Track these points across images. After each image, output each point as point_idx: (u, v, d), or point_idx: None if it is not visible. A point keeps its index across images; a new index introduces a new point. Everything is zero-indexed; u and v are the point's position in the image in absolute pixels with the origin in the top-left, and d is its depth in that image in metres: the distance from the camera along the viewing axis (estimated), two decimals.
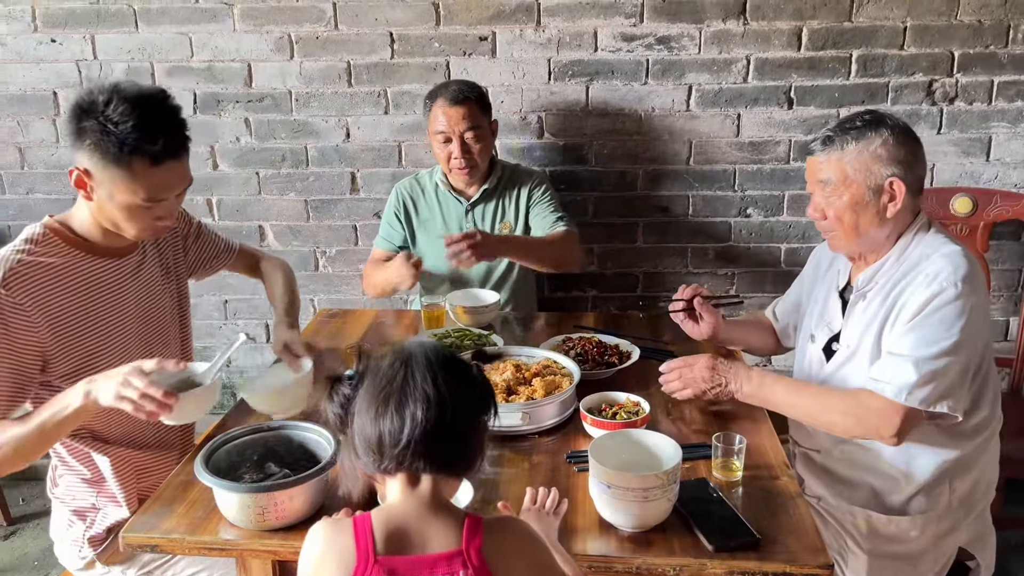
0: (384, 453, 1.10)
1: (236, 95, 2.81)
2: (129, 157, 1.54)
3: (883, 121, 1.70)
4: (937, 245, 1.69)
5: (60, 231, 1.69)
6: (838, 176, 1.71)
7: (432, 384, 1.10)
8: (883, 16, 2.64)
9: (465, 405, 1.13)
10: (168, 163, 1.58)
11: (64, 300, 1.66)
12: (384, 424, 1.09)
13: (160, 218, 1.66)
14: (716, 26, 2.67)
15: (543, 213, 2.56)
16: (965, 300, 1.60)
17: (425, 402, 1.09)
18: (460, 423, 1.12)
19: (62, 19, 2.76)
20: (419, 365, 1.12)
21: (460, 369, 1.16)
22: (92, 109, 1.54)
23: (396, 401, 1.09)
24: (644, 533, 1.41)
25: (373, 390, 1.12)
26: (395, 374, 1.11)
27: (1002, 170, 2.77)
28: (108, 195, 1.61)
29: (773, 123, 2.76)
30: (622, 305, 2.99)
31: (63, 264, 1.67)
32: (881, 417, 1.62)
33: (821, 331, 1.90)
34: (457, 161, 2.46)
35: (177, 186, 1.65)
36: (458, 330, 2.22)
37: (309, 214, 2.95)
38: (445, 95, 2.44)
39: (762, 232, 2.89)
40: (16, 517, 2.97)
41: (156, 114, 1.56)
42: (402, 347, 1.15)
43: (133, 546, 1.45)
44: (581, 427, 1.74)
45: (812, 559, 1.34)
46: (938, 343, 1.59)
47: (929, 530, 1.77)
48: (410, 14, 2.70)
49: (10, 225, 2.98)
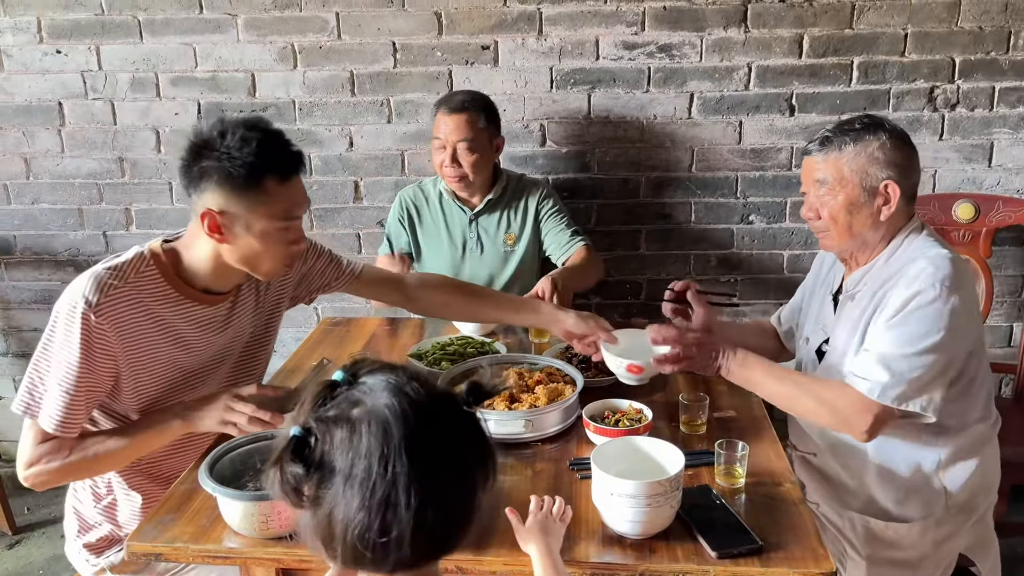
0: (365, 565, 0.93)
1: (240, 105, 2.83)
2: (260, 178, 1.54)
3: (881, 125, 1.72)
4: (925, 248, 1.71)
5: (164, 266, 1.65)
6: (835, 176, 1.73)
7: (419, 479, 0.88)
8: (884, 23, 2.65)
9: (460, 484, 0.94)
10: (294, 179, 1.60)
11: (147, 337, 1.64)
12: (366, 538, 0.89)
13: (294, 242, 1.65)
14: (717, 34, 2.68)
15: (556, 230, 2.57)
16: (944, 302, 1.60)
17: (414, 509, 0.88)
18: (457, 510, 0.94)
19: (67, 30, 2.78)
20: (399, 449, 0.88)
21: (450, 432, 0.94)
22: (209, 146, 1.54)
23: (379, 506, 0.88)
24: (647, 540, 1.41)
25: (345, 489, 0.89)
26: (370, 470, 0.88)
27: (1004, 176, 2.78)
28: (245, 227, 1.58)
29: (775, 130, 2.77)
30: (625, 312, 2.99)
31: (155, 302, 1.63)
32: (853, 411, 1.62)
33: (816, 334, 1.92)
34: (447, 169, 2.47)
35: (304, 203, 1.66)
36: (461, 338, 2.23)
37: (312, 223, 2.96)
38: (448, 103, 2.46)
39: (764, 239, 2.89)
40: (22, 526, 2.97)
41: (270, 136, 1.57)
42: (368, 413, 0.90)
43: (138, 555, 1.46)
44: (584, 434, 1.74)
45: (815, 566, 1.34)
46: (914, 343, 1.60)
47: (928, 536, 1.77)
48: (412, 24, 2.72)
49: (15, 235, 3.00)
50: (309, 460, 0.90)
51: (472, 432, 0.97)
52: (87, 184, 2.94)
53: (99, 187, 2.93)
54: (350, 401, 0.92)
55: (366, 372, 0.96)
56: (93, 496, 1.81)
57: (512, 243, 2.59)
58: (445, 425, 0.94)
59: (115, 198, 2.96)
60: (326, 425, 0.91)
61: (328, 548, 0.92)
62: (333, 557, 0.93)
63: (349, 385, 0.94)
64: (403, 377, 0.94)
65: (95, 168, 2.92)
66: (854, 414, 1.63)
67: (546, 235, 2.59)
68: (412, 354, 2.13)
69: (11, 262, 3.05)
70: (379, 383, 0.93)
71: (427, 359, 2.10)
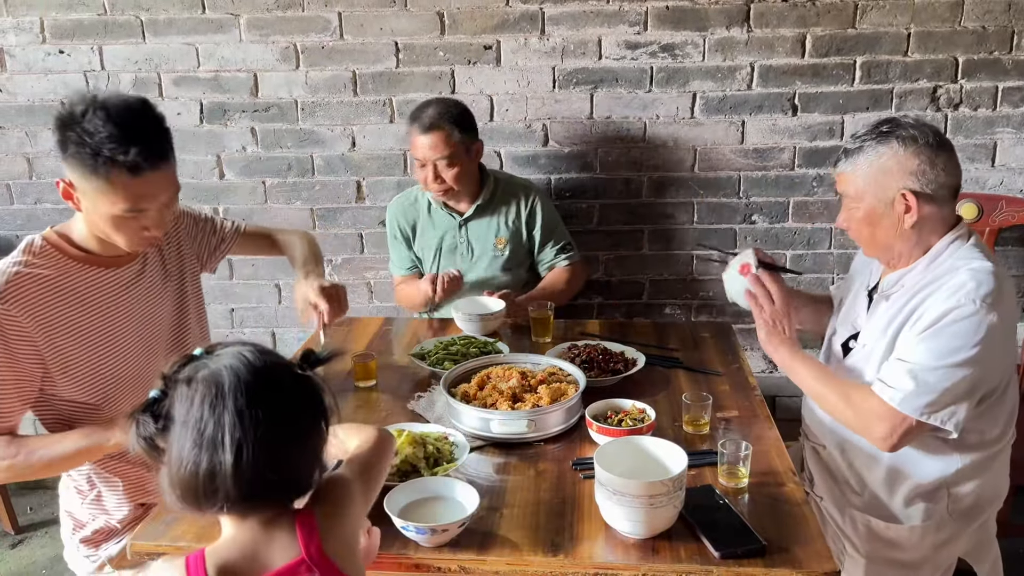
0: (200, 502, 1.03)
1: (242, 104, 2.83)
2: (106, 168, 1.51)
3: (894, 133, 1.67)
4: (969, 258, 1.66)
5: (58, 243, 1.68)
6: (853, 190, 1.72)
7: (241, 421, 1.01)
8: (887, 22, 2.64)
9: (285, 430, 1.05)
10: (147, 174, 1.54)
11: (61, 313, 1.64)
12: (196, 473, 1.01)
13: (147, 228, 1.63)
14: (720, 33, 2.68)
15: (545, 242, 2.59)
16: (983, 318, 1.57)
17: (235, 445, 1.00)
18: (281, 453, 1.04)
19: (70, 30, 2.78)
20: (226, 397, 1.02)
21: (276, 386, 1.07)
22: (71, 120, 1.52)
23: (207, 445, 1.01)
24: (650, 540, 1.41)
25: (180, 432, 1.03)
26: (201, 414, 1.02)
27: (1007, 176, 2.77)
28: (92, 206, 1.58)
29: (777, 130, 2.77)
30: (628, 312, 2.99)
31: (60, 276, 1.65)
32: (876, 418, 1.62)
33: (844, 327, 1.90)
34: (432, 186, 2.46)
35: (160, 196, 1.60)
36: (464, 338, 2.23)
37: (315, 223, 2.96)
38: (419, 122, 2.41)
39: (767, 238, 2.89)
40: (24, 526, 2.98)
41: (133, 124, 1.52)
42: (209, 372, 1.04)
43: (140, 554, 1.46)
44: (587, 434, 1.74)
45: (818, 566, 1.34)
46: (946, 357, 1.58)
47: (928, 539, 1.76)
48: (415, 24, 2.72)
49: (17, 235, 3.00)
50: (157, 413, 1.05)
51: (302, 390, 1.10)
52: None
53: None
54: (199, 366, 1.06)
55: (223, 347, 1.10)
56: (78, 494, 1.82)
57: (502, 246, 2.58)
58: (273, 381, 1.07)
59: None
60: (175, 384, 1.06)
61: (172, 490, 1.04)
62: (175, 499, 1.04)
63: (206, 356, 1.08)
64: (251, 347, 1.09)
65: None
66: (873, 420, 1.62)
67: (536, 246, 2.62)
68: (415, 354, 2.13)
69: None
70: (228, 352, 1.08)
71: (430, 359, 2.10)
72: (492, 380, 1.87)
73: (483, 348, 2.16)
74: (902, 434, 1.61)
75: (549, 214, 2.61)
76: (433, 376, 2.04)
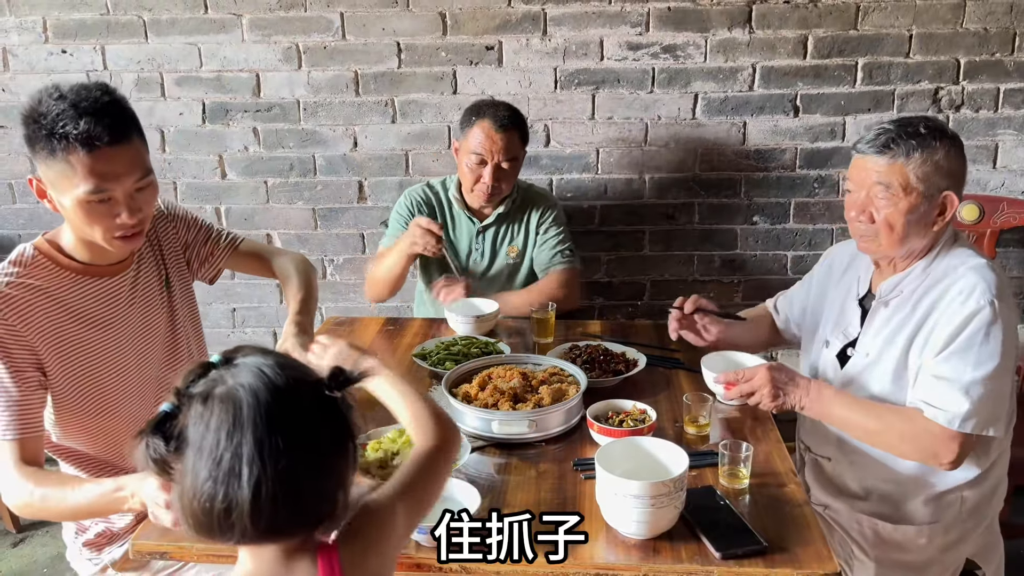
0: (214, 535, 0.95)
1: (244, 104, 2.84)
2: (63, 146, 1.47)
3: (945, 131, 1.67)
4: (964, 258, 1.68)
5: (50, 252, 1.64)
6: (900, 182, 1.65)
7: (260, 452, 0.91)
8: (889, 24, 2.65)
9: (308, 460, 0.95)
10: (104, 149, 1.48)
11: (58, 324, 1.61)
12: (211, 508, 0.92)
13: (118, 215, 1.56)
14: (722, 35, 2.68)
15: (544, 245, 2.55)
16: (1003, 318, 1.60)
17: (253, 480, 0.91)
18: (303, 486, 0.94)
19: (73, 30, 2.78)
20: (244, 424, 0.92)
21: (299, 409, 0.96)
22: (31, 111, 1.50)
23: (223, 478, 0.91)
24: (651, 540, 1.41)
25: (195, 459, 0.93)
26: (217, 441, 0.92)
27: (1009, 177, 2.77)
28: (60, 194, 1.53)
29: (779, 131, 2.77)
30: (630, 313, 3.00)
31: (53, 288, 1.62)
32: (938, 444, 1.61)
33: (836, 337, 1.89)
34: (484, 186, 2.42)
35: (125, 176, 1.53)
36: (465, 339, 2.23)
37: (317, 222, 2.96)
38: (493, 117, 2.38)
39: (768, 240, 2.89)
40: (25, 525, 2.98)
41: (86, 100, 1.48)
42: (226, 391, 0.94)
43: (143, 553, 1.46)
44: (588, 435, 1.74)
45: (819, 567, 1.34)
46: (984, 366, 1.59)
47: (936, 540, 1.76)
48: (417, 24, 2.72)
49: (20, 234, 3.00)
50: (168, 433, 0.95)
51: (329, 416, 0.98)
52: None
53: None
54: (216, 380, 0.96)
55: (241, 356, 0.99)
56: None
57: (515, 255, 2.58)
58: (298, 406, 0.96)
59: None
60: (189, 401, 0.95)
61: (185, 519, 0.96)
62: (188, 527, 0.96)
63: (223, 367, 0.98)
64: (271, 361, 0.97)
65: None
66: (939, 447, 1.61)
67: (535, 248, 2.58)
68: (416, 354, 2.13)
69: None
70: (246, 365, 0.97)
71: (431, 359, 2.10)
72: (493, 380, 1.87)
73: (484, 349, 2.16)
74: (966, 451, 1.62)
75: (557, 222, 2.58)
76: (434, 376, 2.04)
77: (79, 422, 1.70)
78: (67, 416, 1.68)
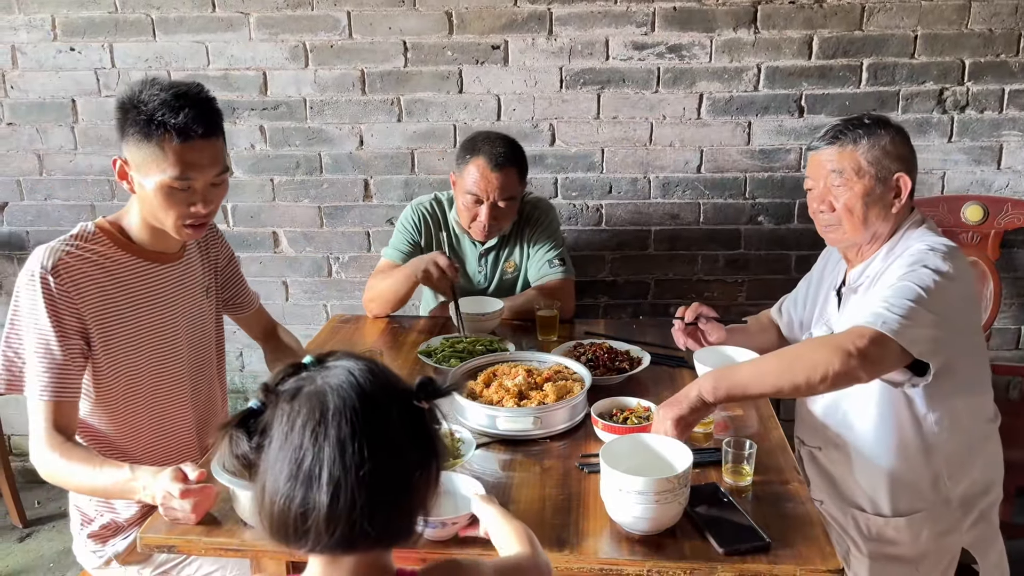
0: (290, 540, 0.92)
1: (251, 103, 2.85)
2: (159, 132, 1.59)
3: (888, 122, 1.80)
4: (924, 237, 1.76)
5: (109, 231, 1.75)
6: (852, 166, 1.77)
7: (342, 455, 0.89)
8: (894, 25, 2.65)
9: (390, 470, 0.92)
10: (196, 141, 1.62)
11: (107, 297, 1.71)
12: (288, 509, 0.90)
13: (194, 204, 1.68)
14: (727, 35, 2.69)
15: (538, 253, 2.49)
16: (940, 269, 1.63)
17: (332, 484, 0.89)
18: (383, 498, 0.91)
19: (81, 28, 2.80)
20: (329, 425, 0.90)
21: (385, 416, 0.93)
22: (130, 99, 1.62)
23: (303, 479, 0.89)
24: (655, 537, 1.42)
25: (277, 457, 0.91)
26: (301, 441, 0.90)
27: (1013, 178, 2.78)
28: (144, 176, 1.65)
29: (784, 131, 2.78)
30: (634, 312, 3.00)
31: (108, 263, 1.72)
32: (848, 337, 1.56)
33: (819, 328, 1.93)
34: (481, 225, 2.36)
35: (208, 168, 1.66)
36: (470, 336, 2.23)
37: (323, 220, 2.97)
38: (489, 155, 2.29)
39: (773, 240, 2.90)
40: (32, 520, 3.00)
41: (185, 94, 1.62)
42: (315, 390, 0.93)
43: (150, 547, 1.47)
44: (592, 432, 1.75)
45: (822, 563, 1.35)
46: (909, 293, 1.60)
47: (926, 531, 1.78)
48: (423, 23, 2.73)
49: (28, 231, 3.02)
50: (253, 429, 0.94)
51: (415, 427, 0.96)
52: (99, 180, 2.96)
53: (111, 184, 2.95)
54: (306, 380, 0.95)
55: (334, 359, 0.98)
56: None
57: (512, 270, 2.56)
58: (384, 413, 0.93)
59: (127, 195, 2.95)
60: (277, 398, 0.94)
61: (262, 520, 0.94)
62: (265, 530, 0.94)
63: (314, 367, 0.97)
64: (362, 366, 0.96)
65: (107, 165, 2.92)
66: (849, 340, 1.54)
67: (529, 258, 2.53)
68: (422, 351, 2.14)
69: (24, 258, 3.06)
70: (337, 367, 0.95)
71: (436, 356, 2.11)
72: (498, 378, 1.88)
73: (489, 346, 2.17)
74: (879, 353, 1.54)
75: (550, 229, 2.53)
76: (439, 374, 2.05)
77: (104, 400, 1.75)
78: (95, 391, 1.74)
